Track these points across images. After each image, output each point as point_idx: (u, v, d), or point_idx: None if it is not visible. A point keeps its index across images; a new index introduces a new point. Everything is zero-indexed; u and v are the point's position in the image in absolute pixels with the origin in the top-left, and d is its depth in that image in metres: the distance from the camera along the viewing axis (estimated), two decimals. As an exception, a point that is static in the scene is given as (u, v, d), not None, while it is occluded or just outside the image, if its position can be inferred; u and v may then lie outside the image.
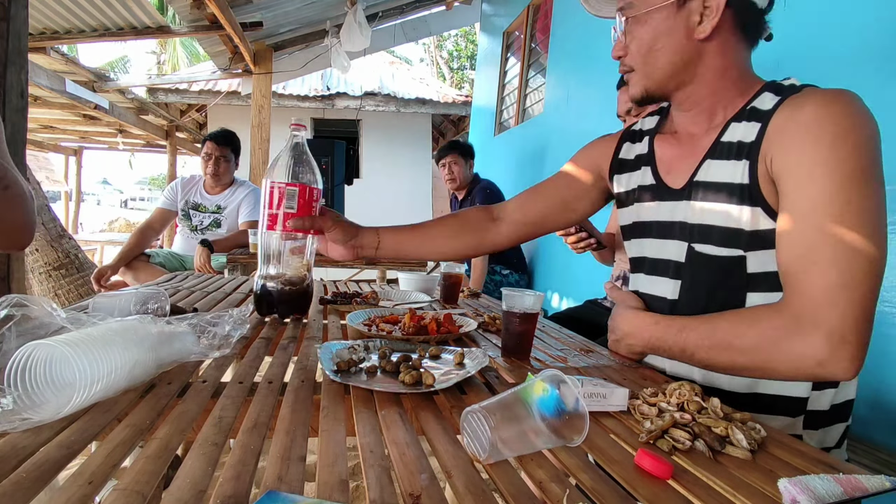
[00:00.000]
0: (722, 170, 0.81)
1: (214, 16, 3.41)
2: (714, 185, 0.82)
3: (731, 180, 0.79)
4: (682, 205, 0.86)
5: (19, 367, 0.52)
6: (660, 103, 0.93)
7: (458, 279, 1.41)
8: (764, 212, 0.76)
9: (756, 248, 0.78)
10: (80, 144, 8.85)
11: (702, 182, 0.83)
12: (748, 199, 0.77)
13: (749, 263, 0.78)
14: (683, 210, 0.86)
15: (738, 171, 0.78)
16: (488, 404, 0.50)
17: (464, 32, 15.02)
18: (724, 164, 0.81)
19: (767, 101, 0.79)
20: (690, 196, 0.85)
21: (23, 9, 1.68)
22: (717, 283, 0.82)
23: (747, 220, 0.77)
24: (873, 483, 0.46)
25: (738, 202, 0.78)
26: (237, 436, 0.52)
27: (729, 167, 0.80)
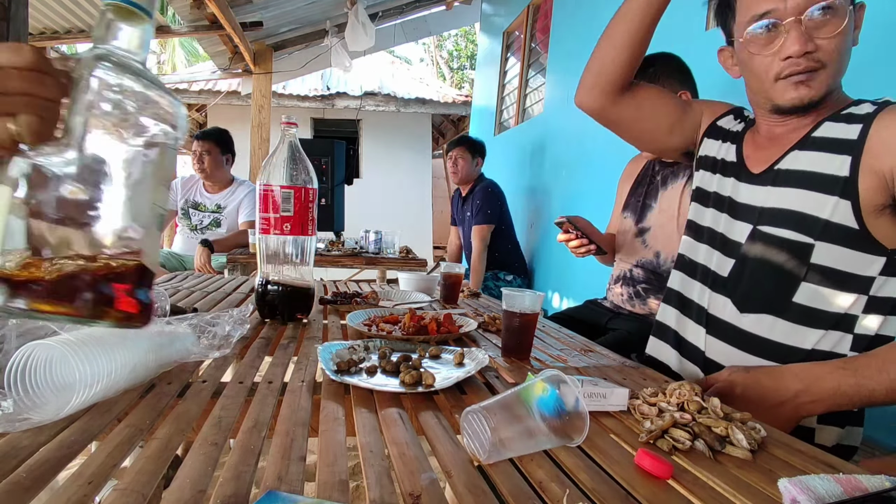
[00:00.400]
0: (814, 160, 0.82)
1: (214, 15, 3.41)
2: (800, 172, 0.83)
3: (824, 171, 0.80)
4: (760, 189, 0.88)
5: (19, 368, 0.52)
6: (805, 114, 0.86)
7: (458, 279, 1.41)
8: (851, 208, 0.77)
9: (827, 239, 0.78)
10: (79, 144, 8.83)
11: (784, 170, 0.85)
12: (839, 191, 0.78)
13: (815, 252, 0.79)
14: (759, 195, 0.88)
15: (835, 164, 0.79)
16: (488, 404, 0.50)
17: (464, 32, 15.02)
18: (818, 155, 0.82)
19: (865, 108, 0.81)
20: (768, 182, 0.87)
21: (23, 9, 1.68)
22: (774, 266, 0.83)
23: (830, 210, 0.78)
24: (873, 483, 0.46)
25: (826, 192, 0.79)
26: (237, 436, 0.52)
27: (824, 158, 0.81)
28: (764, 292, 0.83)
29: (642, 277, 1.50)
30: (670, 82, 1.47)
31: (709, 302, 0.93)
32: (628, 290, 1.53)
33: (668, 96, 1.07)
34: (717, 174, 0.98)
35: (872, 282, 0.78)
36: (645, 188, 1.57)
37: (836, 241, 0.78)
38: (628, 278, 1.54)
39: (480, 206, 2.92)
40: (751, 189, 0.90)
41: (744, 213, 0.90)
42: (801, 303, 0.81)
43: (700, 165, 1.03)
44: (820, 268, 0.79)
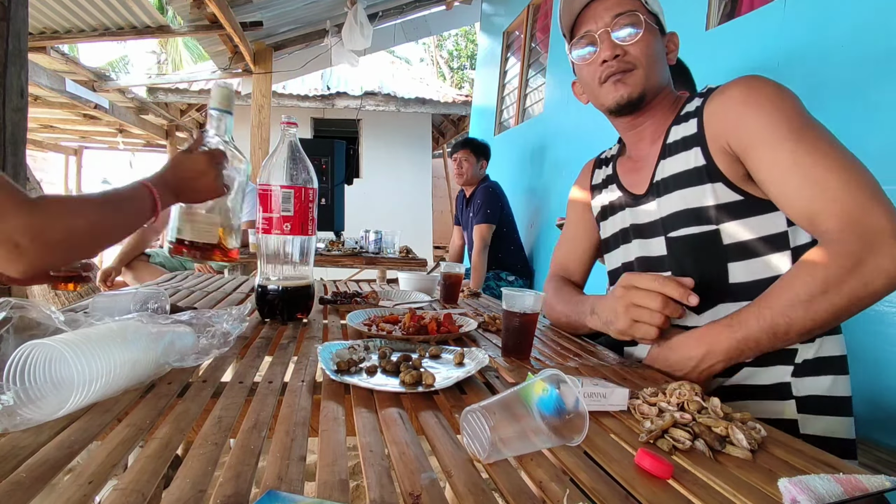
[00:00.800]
0: (676, 162, 0.92)
1: (214, 15, 3.41)
2: (673, 176, 0.93)
3: (687, 167, 0.90)
4: (649, 206, 0.98)
5: (18, 367, 0.52)
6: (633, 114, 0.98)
7: (458, 279, 1.41)
8: (725, 185, 0.86)
9: (726, 219, 0.86)
10: (80, 144, 8.84)
11: (661, 180, 0.95)
12: (707, 178, 0.87)
13: (723, 236, 0.86)
14: (651, 209, 0.97)
15: (691, 158, 0.90)
16: (488, 404, 0.50)
17: (464, 32, 15.02)
18: (677, 157, 0.93)
19: (695, 103, 0.93)
20: (654, 195, 0.96)
21: (23, 8, 1.68)
22: (699, 262, 0.90)
23: (711, 196, 0.86)
24: (873, 483, 0.46)
25: (699, 182, 0.88)
26: (237, 436, 0.52)
27: (682, 158, 0.91)
28: (704, 288, 0.84)
29: None
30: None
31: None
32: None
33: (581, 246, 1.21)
34: (610, 217, 1.08)
35: (786, 236, 0.84)
36: None
37: (732, 217, 0.85)
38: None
39: (481, 206, 2.92)
40: (645, 208, 0.99)
41: (651, 231, 0.98)
42: (738, 281, 0.86)
43: (598, 220, 1.14)
44: (735, 246, 0.86)
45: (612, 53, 0.93)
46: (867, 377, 1.22)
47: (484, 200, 2.93)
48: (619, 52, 0.93)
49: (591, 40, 0.96)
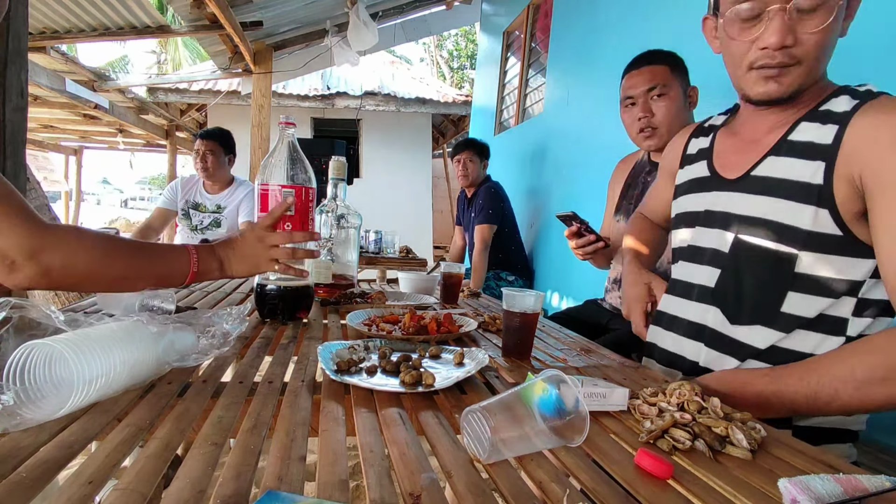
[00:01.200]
0: (789, 167, 0.80)
1: (214, 15, 3.41)
2: (776, 180, 0.81)
3: (799, 178, 0.78)
4: (733, 195, 0.87)
5: (18, 367, 0.52)
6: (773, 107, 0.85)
7: (458, 279, 1.41)
8: (830, 215, 0.75)
9: (811, 249, 0.77)
10: (80, 144, 8.85)
11: (761, 176, 0.84)
12: (816, 200, 0.76)
13: (799, 262, 0.78)
14: (733, 200, 0.87)
15: (809, 171, 0.77)
16: (489, 404, 0.50)
17: (464, 32, 15.02)
18: (793, 161, 0.80)
19: (843, 104, 0.77)
20: (744, 188, 0.85)
21: (23, 8, 1.68)
22: (760, 277, 0.82)
23: (809, 219, 0.76)
24: (873, 483, 0.46)
25: (804, 201, 0.77)
26: (237, 436, 0.52)
27: (798, 165, 0.79)
28: (753, 303, 0.82)
29: None
30: (685, 74, 1.45)
31: (682, 309, 0.95)
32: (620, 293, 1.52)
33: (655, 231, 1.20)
34: (690, 194, 0.98)
35: (861, 285, 0.76)
36: (636, 191, 1.56)
37: (821, 249, 0.77)
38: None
39: (483, 206, 2.92)
40: (728, 196, 0.88)
41: (720, 221, 0.89)
42: (790, 312, 0.80)
43: (674, 196, 1.05)
44: (806, 277, 0.78)
45: (780, 43, 0.75)
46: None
47: (486, 200, 2.92)
48: (789, 41, 0.75)
49: (761, 7, 0.76)
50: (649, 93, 1.40)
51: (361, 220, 1.39)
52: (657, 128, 1.39)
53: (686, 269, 0.96)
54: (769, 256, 0.80)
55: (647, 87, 1.40)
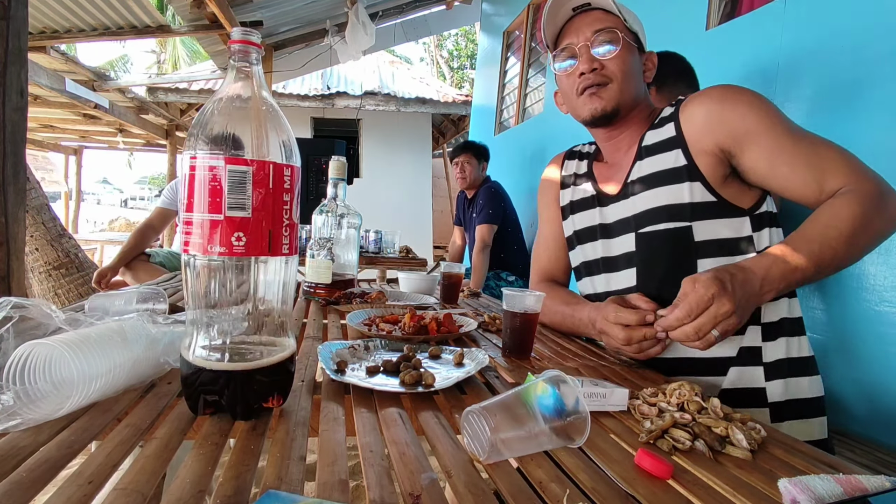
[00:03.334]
0: (653, 163, 0.96)
1: (214, 15, 3.41)
2: (649, 176, 0.96)
3: (667, 167, 0.93)
4: (621, 204, 1.00)
5: (18, 367, 0.52)
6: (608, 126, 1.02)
7: (458, 279, 1.41)
8: (703, 185, 0.90)
9: (699, 218, 0.90)
10: (80, 144, 8.85)
11: (636, 179, 0.98)
12: (687, 177, 0.91)
13: (695, 232, 0.90)
14: (623, 208, 1.00)
15: (671, 158, 0.93)
16: (489, 404, 0.50)
17: (464, 32, 15.02)
18: (654, 158, 0.96)
19: (668, 110, 0.98)
20: (628, 194, 0.99)
21: (23, 8, 1.68)
22: (668, 256, 0.92)
23: (688, 194, 0.90)
24: (873, 483, 0.46)
25: (678, 181, 0.91)
26: (237, 436, 0.52)
27: (660, 158, 0.95)
28: (670, 284, 0.86)
29: None
30: (678, 86, 1.45)
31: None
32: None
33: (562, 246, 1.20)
34: (579, 213, 1.10)
35: (752, 240, 0.89)
36: None
37: (706, 216, 0.89)
38: None
39: (483, 206, 2.91)
40: (617, 206, 1.01)
41: (621, 229, 1.00)
42: None
43: (563, 217, 1.16)
44: (705, 243, 0.90)
45: (590, 67, 0.97)
46: (867, 377, 1.22)
47: (486, 200, 2.92)
48: (596, 65, 0.97)
49: (571, 53, 1.00)
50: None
51: (361, 220, 1.39)
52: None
53: (602, 281, 1.04)
54: (669, 236, 0.92)
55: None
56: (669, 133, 0.95)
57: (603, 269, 1.04)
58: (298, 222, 0.59)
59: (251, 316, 0.57)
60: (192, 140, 0.53)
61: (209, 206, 0.52)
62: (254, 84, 0.56)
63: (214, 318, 0.56)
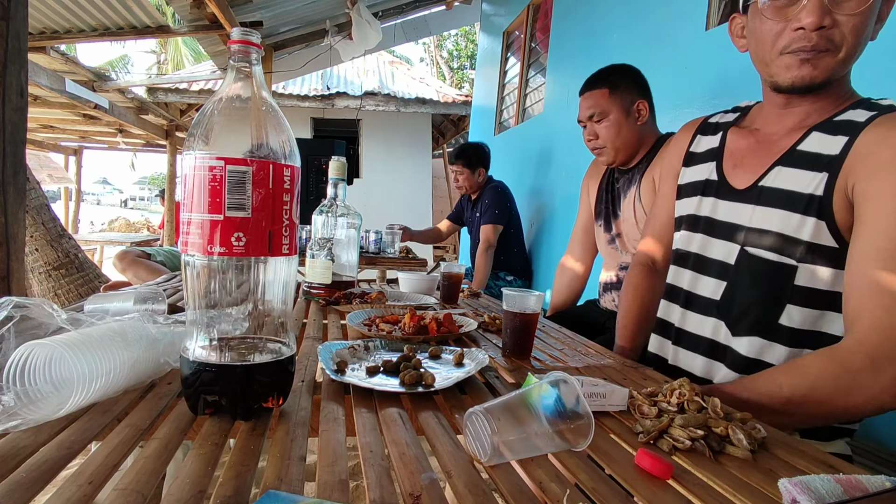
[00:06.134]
0: (793, 178, 0.80)
1: (214, 15, 3.41)
2: (781, 191, 0.81)
3: (801, 189, 0.78)
4: (744, 207, 0.86)
5: (18, 367, 0.52)
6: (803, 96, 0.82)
7: (458, 279, 1.41)
8: (828, 227, 0.75)
9: (809, 261, 0.77)
10: (79, 144, 8.84)
11: (767, 187, 0.83)
12: (815, 212, 0.76)
13: (798, 275, 0.78)
14: (743, 212, 0.86)
15: (812, 182, 0.77)
16: (491, 406, 0.50)
17: (464, 32, 15.02)
18: (798, 172, 0.80)
19: (858, 116, 0.76)
20: (751, 199, 0.85)
21: (23, 8, 1.68)
22: (761, 289, 0.81)
23: (809, 231, 0.77)
24: (873, 483, 0.46)
25: (804, 212, 0.77)
26: (237, 436, 0.52)
27: (801, 176, 0.79)
28: (754, 315, 0.82)
29: None
30: (630, 91, 1.52)
31: (686, 321, 0.95)
32: (618, 294, 1.53)
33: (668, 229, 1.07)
34: (696, 196, 0.96)
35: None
36: (609, 195, 1.61)
37: (819, 261, 0.77)
38: (615, 283, 1.55)
39: (490, 206, 2.89)
40: (734, 207, 0.88)
41: (726, 232, 0.88)
42: (787, 325, 0.80)
43: (677, 196, 1.03)
44: (804, 290, 0.78)
45: (818, 23, 0.72)
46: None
47: (492, 200, 2.90)
48: (827, 22, 0.73)
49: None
50: (591, 118, 1.54)
51: (361, 220, 1.39)
52: (604, 146, 1.53)
53: (690, 279, 0.95)
54: (770, 268, 0.80)
55: (588, 114, 1.55)
56: (834, 150, 0.76)
57: (692, 265, 0.94)
58: (298, 222, 0.60)
59: (251, 316, 0.57)
60: (192, 140, 0.53)
61: (209, 206, 0.52)
62: (254, 84, 0.56)
63: (214, 319, 0.56)
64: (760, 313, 0.82)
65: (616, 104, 1.51)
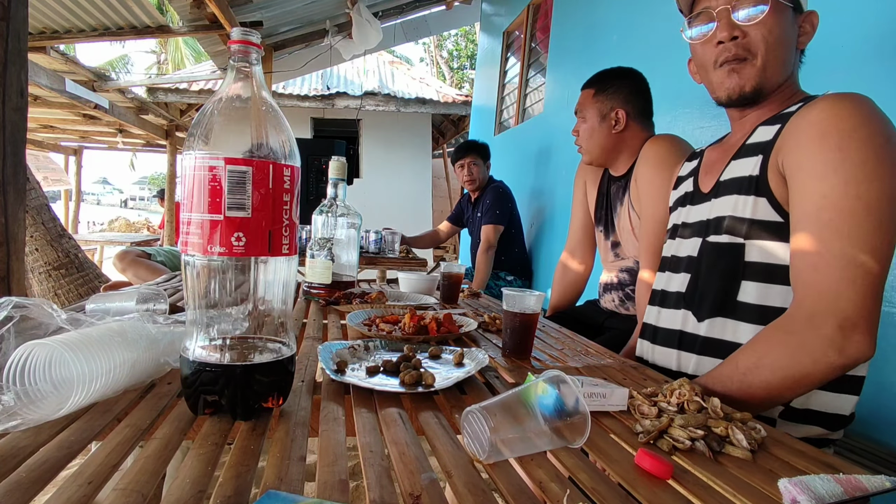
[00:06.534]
0: (740, 167, 0.88)
1: (214, 15, 3.41)
2: (732, 181, 0.88)
3: (743, 173, 0.86)
4: (705, 206, 0.94)
5: (18, 367, 0.52)
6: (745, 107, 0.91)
7: (458, 279, 1.41)
8: (768, 202, 0.81)
9: (755, 237, 0.83)
10: (79, 144, 8.84)
11: (724, 181, 0.91)
12: (755, 190, 0.83)
13: (747, 251, 0.83)
14: (706, 209, 0.93)
15: (751, 165, 0.85)
16: (489, 404, 0.50)
17: (464, 32, 15.02)
18: (743, 161, 0.87)
19: (796, 106, 0.84)
20: (713, 196, 0.92)
21: (23, 8, 1.68)
22: (718, 271, 0.88)
23: (750, 208, 0.83)
24: (873, 483, 0.46)
25: (746, 193, 0.84)
26: (237, 436, 0.52)
27: (745, 163, 0.86)
28: (713, 297, 0.86)
29: (628, 280, 1.51)
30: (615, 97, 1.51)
31: (662, 319, 0.99)
32: (618, 295, 1.54)
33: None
34: (676, 210, 1.06)
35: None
36: (606, 201, 1.61)
37: (764, 236, 0.82)
38: (615, 284, 1.55)
39: (490, 206, 2.88)
40: (700, 207, 0.96)
41: (693, 231, 0.96)
42: (745, 301, 0.84)
43: (670, 212, 1.11)
44: (754, 265, 0.83)
45: (729, 34, 0.84)
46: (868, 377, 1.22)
47: (493, 200, 2.89)
48: (737, 33, 0.84)
49: (708, 17, 0.87)
50: (578, 114, 1.60)
51: (361, 220, 1.39)
52: (581, 146, 1.59)
53: (665, 279, 1.02)
54: (723, 249, 0.86)
55: (576, 110, 1.60)
56: (769, 136, 0.84)
57: (668, 267, 1.02)
58: (298, 222, 0.60)
59: (251, 316, 0.57)
60: (192, 140, 0.54)
61: (209, 206, 0.52)
62: (254, 84, 0.56)
63: (214, 319, 0.56)
64: (719, 294, 0.86)
65: (594, 107, 1.52)
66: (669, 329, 0.97)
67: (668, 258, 1.03)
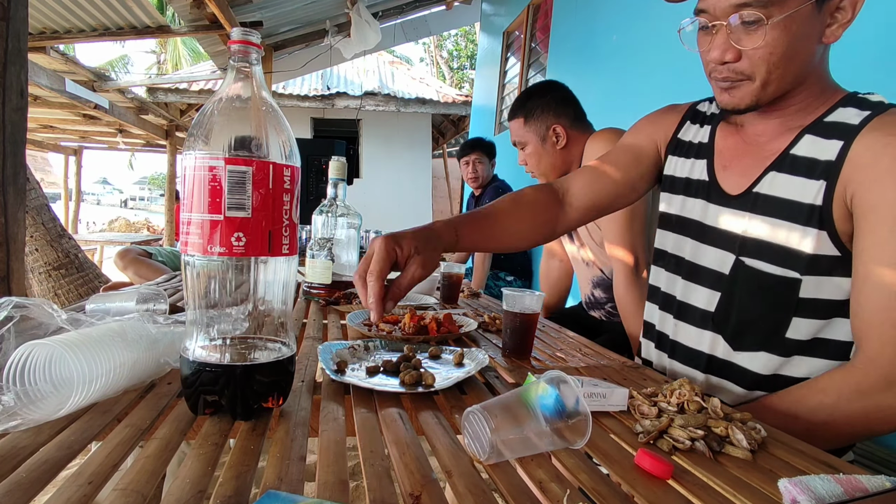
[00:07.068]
0: (790, 185, 0.77)
1: (214, 15, 3.41)
2: (778, 200, 0.78)
3: (799, 199, 0.75)
4: (737, 214, 0.83)
5: (18, 367, 0.52)
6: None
7: (458, 279, 1.41)
8: (829, 237, 0.73)
9: (814, 272, 0.75)
10: (79, 144, 8.85)
11: (763, 195, 0.80)
12: (816, 222, 0.74)
13: (803, 287, 0.75)
14: (737, 220, 0.82)
15: (810, 191, 0.74)
16: (489, 404, 0.50)
17: (464, 32, 15.03)
18: (793, 179, 0.77)
19: (851, 117, 0.73)
20: (745, 206, 0.81)
21: (23, 8, 1.68)
22: (763, 303, 0.79)
23: (811, 242, 0.74)
24: (873, 483, 0.46)
25: (804, 223, 0.75)
26: (237, 436, 0.52)
27: (799, 184, 0.76)
28: (756, 329, 0.80)
29: (604, 298, 1.51)
30: (544, 116, 1.48)
31: (680, 333, 0.91)
32: (602, 312, 1.55)
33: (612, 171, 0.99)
34: (680, 195, 0.93)
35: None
36: None
37: (824, 272, 0.74)
38: (595, 302, 1.55)
39: None
40: (728, 214, 0.84)
41: (719, 240, 0.85)
42: (794, 337, 0.78)
43: (664, 187, 0.98)
44: (810, 301, 0.76)
45: (720, 58, 0.75)
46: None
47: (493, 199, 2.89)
48: (729, 57, 0.74)
49: (705, 21, 0.76)
50: (517, 146, 1.57)
51: (361, 220, 1.39)
52: (534, 172, 1.57)
53: (682, 288, 0.91)
54: (772, 281, 0.78)
55: (514, 142, 1.58)
56: (829, 155, 0.73)
57: (682, 272, 0.91)
58: (298, 222, 0.59)
59: (251, 316, 0.57)
60: (191, 140, 0.53)
61: (209, 206, 0.52)
62: (254, 84, 0.56)
63: (214, 319, 0.56)
64: (765, 328, 0.79)
65: (531, 133, 1.50)
66: (694, 349, 0.89)
67: (670, 255, 0.93)
